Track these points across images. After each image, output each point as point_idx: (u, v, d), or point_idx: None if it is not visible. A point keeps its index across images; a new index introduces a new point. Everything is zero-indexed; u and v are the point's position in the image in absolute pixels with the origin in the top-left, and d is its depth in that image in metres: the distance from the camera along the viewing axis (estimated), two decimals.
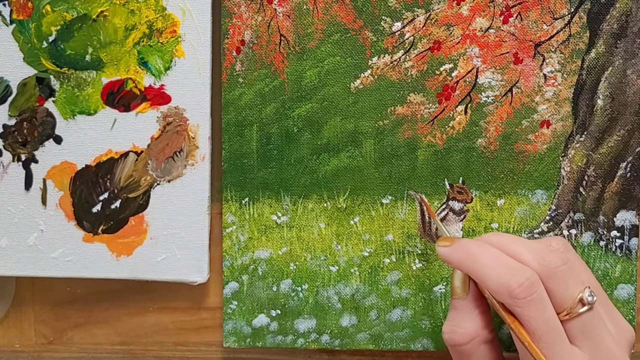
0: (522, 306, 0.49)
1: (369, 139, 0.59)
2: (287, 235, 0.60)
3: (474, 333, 0.52)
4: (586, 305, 0.50)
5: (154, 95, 0.58)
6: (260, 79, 0.58)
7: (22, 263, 0.59)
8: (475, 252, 0.51)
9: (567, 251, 0.52)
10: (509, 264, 0.50)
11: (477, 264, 0.50)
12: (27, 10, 0.57)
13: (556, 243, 0.52)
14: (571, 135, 0.58)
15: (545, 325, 0.49)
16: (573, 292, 0.50)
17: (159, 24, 0.57)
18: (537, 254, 0.50)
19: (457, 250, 0.51)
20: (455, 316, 0.52)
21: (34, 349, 0.63)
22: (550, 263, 0.50)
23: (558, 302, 0.50)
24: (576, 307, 0.50)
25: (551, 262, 0.50)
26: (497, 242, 0.51)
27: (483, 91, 0.58)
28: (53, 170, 0.59)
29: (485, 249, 0.51)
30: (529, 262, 0.50)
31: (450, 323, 0.53)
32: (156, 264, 0.59)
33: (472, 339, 0.51)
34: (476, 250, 0.51)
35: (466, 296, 0.52)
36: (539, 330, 0.48)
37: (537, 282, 0.49)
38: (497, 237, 0.52)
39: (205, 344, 0.63)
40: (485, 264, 0.50)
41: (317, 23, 0.58)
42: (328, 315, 0.60)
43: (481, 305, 0.52)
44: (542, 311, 0.49)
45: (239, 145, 0.59)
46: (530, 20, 0.57)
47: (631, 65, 0.57)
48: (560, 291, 0.50)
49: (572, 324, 0.50)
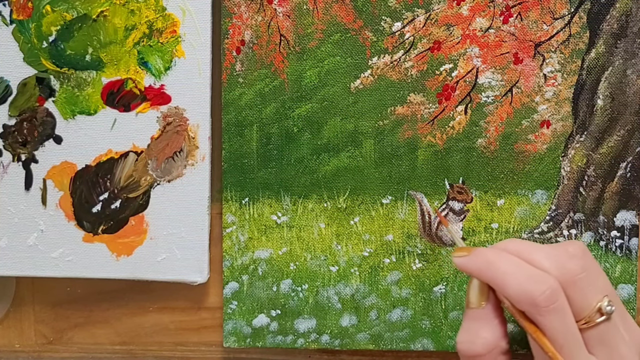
0: (544, 314, 0.48)
1: (369, 139, 0.59)
2: (287, 235, 0.60)
3: (494, 343, 0.50)
4: (604, 315, 0.49)
5: (154, 95, 0.58)
6: (260, 79, 0.58)
7: (22, 263, 0.59)
8: (494, 261, 0.50)
9: (586, 257, 0.50)
10: (530, 272, 0.49)
11: (497, 272, 0.49)
12: (27, 10, 0.57)
13: (573, 249, 0.50)
14: (571, 135, 0.58)
15: (566, 334, 0.48)
16: (592, 301, 0.49)
17: (159, 24, 0.57)
18: (556, 261, 0.49)
19: (475, 259, 0.50)
20: (473, 326, 0.51)
21: (34, 349, 0.63)
22: (569, 271, 0.49)
23: (576, 310, 0.49)
24: (594, 316, 0.49)
25: (570, 269, 0.49)
26: (514, 250, 0.50)
27: (483, 91, 0.58)
28: (53, 170, 0.59)
29: (504, 256, 0.50)
30: (548, 269, 0.49)
31: (468, 333, 0.51)
32: (156, 264, 0.59)
33: (492, 350, 0.50)
34: (495, 259, 0.50)
35: (485, 305, 0.51)
36: (560, 339, 0.48)
37: (559, 290, 0.48)
38: (514, 244, 0.51)
39: (205, 344, 0.63)
40: (505, 272, 0.49)
41: (317, 23, 0.58)
42: (328, 315, 0.60)
43: (499, 316, 0.51)
44: (563, 320, 0.48)
45: (239, 145, 0.59)
46: (530, 20, 0.57)
47: (631, 65, 0.57)
48: (579, 299, 0.49)
49: (590, 333, 0.49)
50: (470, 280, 0.52)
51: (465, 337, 0.51)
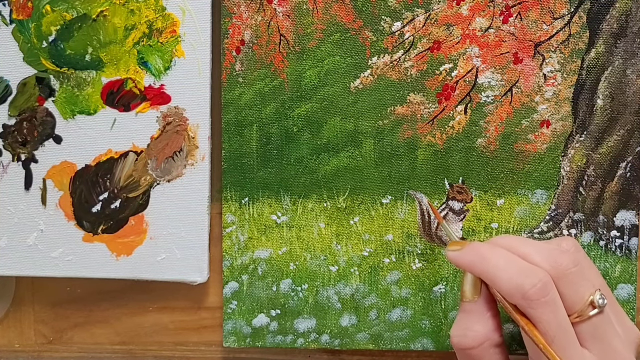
0: (535, 308, 0.48)
1: (369, 139, 0.59)
2: (287, 235, 0.60)
3: (485, 336, 0.51)
4: (597, 308, 0.49)
5: (154, 95, 0.58)
6: (260, 79, 0.58)
7: (22, 263, 0.59)
8: (486, 255, 0.50)
9: (578, 252, 0.51)
10: (522, 266, 0.49)
11: (489, 266, 0.50)
12: (27, 10, 0.57)
13: (566, 244, 0.51)
14: (571, 135, 0.58)
15: (558, 327, 0.48)
16: (584, 295, 0.50)
17: (159, 24, 0.57)
18: (548, 255, 0.50)
19: (468, 254, 0.51)
20: (466, 319, 0.52)
21: (34, 349, 0.63)
22: (561, 265, 0.50)
23: (569, 304, 0.49)
24: (587, 310, 0.49)
25: (562, 263, 0.50)
26: (507, 244, 0.51)
27: (483, 91, 0.58)
28: (53, 170, 0.59)
29: (496, 251, 0.50)
30: (540, 263, 0.50)
31: (461, 326, 0.52)
32: (156, 264, 0.59)
33: (483, 343, 0.51)
34: (487, 253, 0.50)
35: (477, 299, 0.52)
36: (552, 332, 0.48)
37: (550, 283, 0.49)
38: (506, 239, 0.52)
39: (205, 344, 0.63)
40: (497, 266, 0.50)
41: (317, 23, 0.58)
42: (328, 315, 0.60)
43: (492, 309, 0.52)
44: (555, 313, 0.48)
45: (239, 145, 0.59)
46: (530, 20, 0.57)
47: (631, 65, 0.57)
48: (571, 293, 0.49)
49: (583, 327, 0.50)
50: (464, 274, 0.52)
51: (458, 330, 0.52)
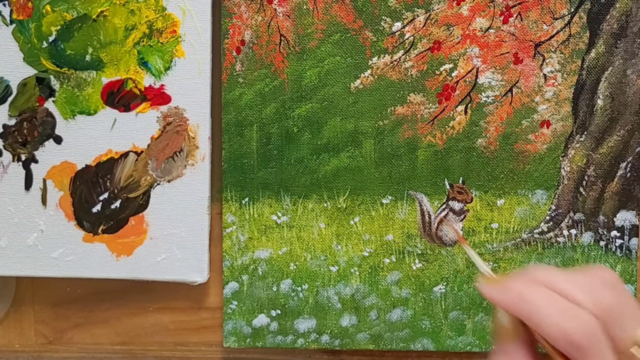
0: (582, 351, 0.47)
1: (369, 139, 0.59)
2: (287, 235, 0.60)
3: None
4: None
5: (154, 95, 0.58)
6: (260, 79, 0.58)
7: (22, 263, 0.59)
8: (527, 296, 0.47)
9: (619, 284, 0.48)
10: (565, 307, 0.46)
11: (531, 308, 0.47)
12: (27, 10, 0.57)
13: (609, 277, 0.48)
14: (571, 135, 0.58)
15: None
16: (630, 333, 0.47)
17: (159, 24, 0.57)
18: (590, 292, 0.48)
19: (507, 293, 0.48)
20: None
21: (34, 349, 0.63)
22: (604, 301, 0.47)
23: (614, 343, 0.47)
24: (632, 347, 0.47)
25: (605, 299, 0.47)
26: (545, 280, 0.49)
27: (483, 91, 0.58)
28: (53, 170, 0.59)
29: (537, 290, 0.48)
30: (583, 302, 0.47)
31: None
32: (156, 264, 0.59)
33: None
34: (528, 293, 0.47)
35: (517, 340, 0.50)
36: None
37: (596, 326, 0.46)
38: (543, 273, 0.48)
39: (205, 344, 0.63)
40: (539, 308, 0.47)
41: (317, 23, 0.58)
42: (328, 315, 0.60)
43: (533, 351, 0.50)
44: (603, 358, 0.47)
45: (239, 145, 0.59)
46: (530, 20, 0.57)
47: (631, 65, 0.57)
48: (616, 332, 0.47)
49: None
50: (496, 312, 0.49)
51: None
